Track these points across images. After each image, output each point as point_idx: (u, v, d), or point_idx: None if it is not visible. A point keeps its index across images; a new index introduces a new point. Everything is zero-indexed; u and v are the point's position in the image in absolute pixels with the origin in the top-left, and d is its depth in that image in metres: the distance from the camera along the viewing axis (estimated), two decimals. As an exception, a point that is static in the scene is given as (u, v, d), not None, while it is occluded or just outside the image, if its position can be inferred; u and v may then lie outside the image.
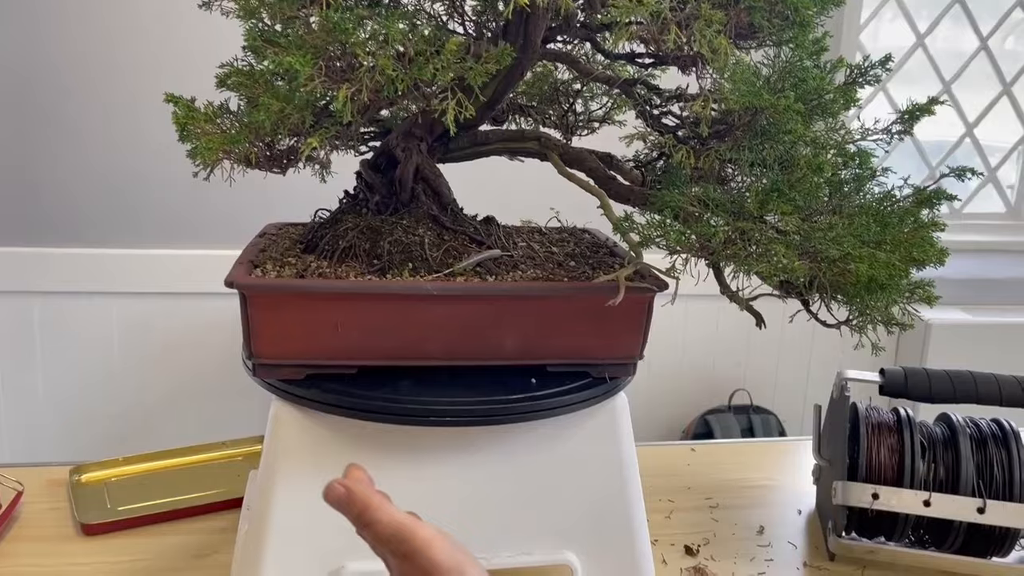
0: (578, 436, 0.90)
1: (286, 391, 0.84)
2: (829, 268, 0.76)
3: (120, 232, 2.04)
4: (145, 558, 1.05)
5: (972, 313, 2.43)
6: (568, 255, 0.97)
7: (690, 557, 1.11)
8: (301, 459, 0.85)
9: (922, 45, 2.53)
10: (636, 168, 1.00)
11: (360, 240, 0.89)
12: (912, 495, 1.06)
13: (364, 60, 0.72)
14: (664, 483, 1.29)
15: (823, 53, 0.89)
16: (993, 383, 1.10)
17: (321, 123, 0.78)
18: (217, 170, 0.84)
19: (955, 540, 1.07)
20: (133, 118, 1.94)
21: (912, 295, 0.89)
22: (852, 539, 1.12)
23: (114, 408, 2.11)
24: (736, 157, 0.81)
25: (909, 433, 1.08)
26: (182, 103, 0.80)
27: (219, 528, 1.12)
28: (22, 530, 1.10)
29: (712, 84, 0.85)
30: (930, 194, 0.85)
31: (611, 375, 0.88)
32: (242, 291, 0.80)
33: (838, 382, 1.15)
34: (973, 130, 2.61)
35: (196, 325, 2.09)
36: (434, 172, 0.94)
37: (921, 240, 0.83)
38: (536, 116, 1.07)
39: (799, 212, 0.79)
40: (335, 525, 0.85)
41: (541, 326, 0.86)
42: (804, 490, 1.27)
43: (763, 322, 0.87)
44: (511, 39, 0.85)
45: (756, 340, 2.36)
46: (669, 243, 0.78)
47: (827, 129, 0.91)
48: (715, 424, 2.37)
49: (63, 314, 2.05)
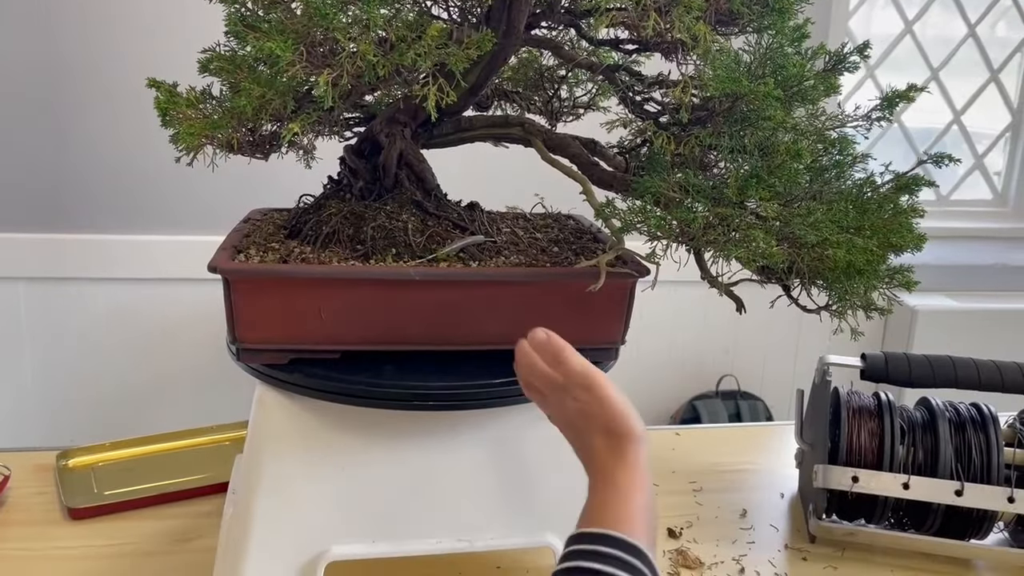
0: (560, 420, 0.90)
1: (270, 375, 0.85)
2: (807, 253, 0.77)
3: (107, 218, 2.03)
4: (131, 542, 1.06)
5: (958, 299, 2.44)
6: (552, 241, 0.98)
7: (673, 540, 1.12)
8: (285, 443, 0.86)
9: (910, 32, 2.53)
10: (620, 155, 1.00)
11: (343, 225, 0.89)
12: (891, 478, 1.07)
13: (345, 45, 0.72)
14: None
15: (805, 40, 0.90)
16: (972, 368, 1.11)
17: (303, 108, 0.78)
18: (202, 155, 0.84)
19: (934, 522, 1.09)
20: (118, 104, 1.93)
21: (892, 280, 0.90)
22: (832, 522, 1.13)
23: (101, 393, 2.11)
24: (716, 143, 0.82)
25: (889, 417, 1.10)
26: (164, 88, 0.80)
27: (205, 512, 1.13)
28: (9, 514, 1.11)
29: (694, 70, 0.86)
30: (908, 180, 0.86)
31: (593, 360, 0.89)
32: (225, 276, 0.81)
33: (820, 367, 1.16)
34: (960, 117, 2.62)
35: (183, 311, 2.09)
36: (418, 158, 0.95)
37: (899, 226, 0.84)
38: (521, 102, 1.07)
39: (779, 198, 0.80)
40: (319, 508, 0.87)
41: (523, 311, 0.86)
42: (787, 474, 1.29)
43: (743, 307, 0.88)
44: (494, 25, 0.85)
45: (744, 326, 2.37)
46: (650, 229, 0.78)
47: (808, 115, 0.92)
48: (703, 410, 2.39)
49: (50, 300, 2.05)
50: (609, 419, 0.69)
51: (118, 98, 1.94)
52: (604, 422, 0.69)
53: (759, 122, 0.79)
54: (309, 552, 0.86)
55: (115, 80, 1.92)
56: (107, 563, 1.02)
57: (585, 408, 0.70)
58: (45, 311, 2.06)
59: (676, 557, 1.08)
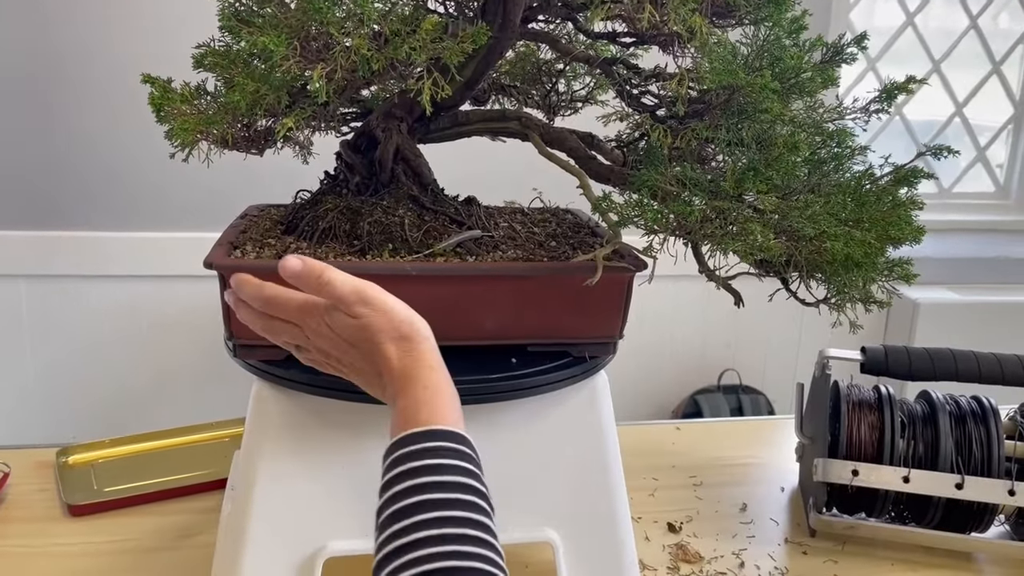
0: (559, 415, 0.90)
1: (266, 372, 0.85)
2: (805, 246, 0.77)
3: (107, 215, 2.03)
4: (131, 538, 1.06)
5: (960, 292, 2.44)
6: (549, 235, 0.97)
7: (673, 534, 1.12)
8: (282, 439, 0.86)
9: (912, 24, 2.52)
10: (618, 148, 1.00)
11: (340, 221, 0.89)
12: (892, 471, 1.07)
13: (339, 40, 0.72)
14: (649, 462, 1.30)
15: (802, 32, 0.89)
16: (972, 361, 1.10)
17: (298, 103, 0.78)
18: (197, 151, 0.84)
19: (934, 516, 1.09)
20: (117, 101, 1.93)
21: (891, 273, 0.89)
22: (833, 515, 1.13)
23: (101, 390, 2.12)
24: (713, 136, 0.81)
25: (889, 410, 1.09)
26: (158, 84, 0.80)
27: (204, 509, 1.13)
28: (9, 511, 1.11)
29: (692, 63, 0.85)
30: (907, 172, 0.86)
31: (591, 354, 0.89)
32: (221, 272, 0.81)
33: (820, 360, 1.16)
34: (962, 109, 2.61)
35: (183, 307, 2.09)
36: (414, 153, 0.94)
37: (898, 218, 0.83)
38: (518, 96, 1.07)
39: (776, 191, 0.80)
40: (317, 503, 0.86)
41: (520, 306, 0.86)
42: (787, 468, 1.28)
43: (741, 301, 0.87)
44: (489, 18, 0.85)
45: (745, 320, 2.36)
46: (646, 222, 0.78)
47: (806, 108, 0.92)
48: (704, 404, 2.39)
49: (49, 297, 2.05)
50: (397, 325, 0.67)
51: (117, 95, 1.94)
52: (392, 329, 0.67)
53: (756, 115, 0.79)
54: (307, 548, 0.86)
55: (120, 77, 1.92)
56: (107, 560, 1.02)
57: (368, 322, 0.67)
58: (45, 308, 2.06)
59: (676, 551, 1.08)
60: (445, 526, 0.57)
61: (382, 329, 0.67)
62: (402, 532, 0.56)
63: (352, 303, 0.68)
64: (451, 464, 0.61)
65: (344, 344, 0.69)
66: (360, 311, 0.68)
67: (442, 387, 0.67)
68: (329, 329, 0.69)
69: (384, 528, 0.58)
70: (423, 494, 0.58)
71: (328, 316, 0.69)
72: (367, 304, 0.68)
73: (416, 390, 0.65)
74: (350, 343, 0.69)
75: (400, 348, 0.67)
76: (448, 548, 0.55)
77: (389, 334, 0.67)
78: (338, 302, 0.68)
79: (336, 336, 0.69)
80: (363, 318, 0.68)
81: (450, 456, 0.61)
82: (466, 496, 0.59)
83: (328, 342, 0.70)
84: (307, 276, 0.68)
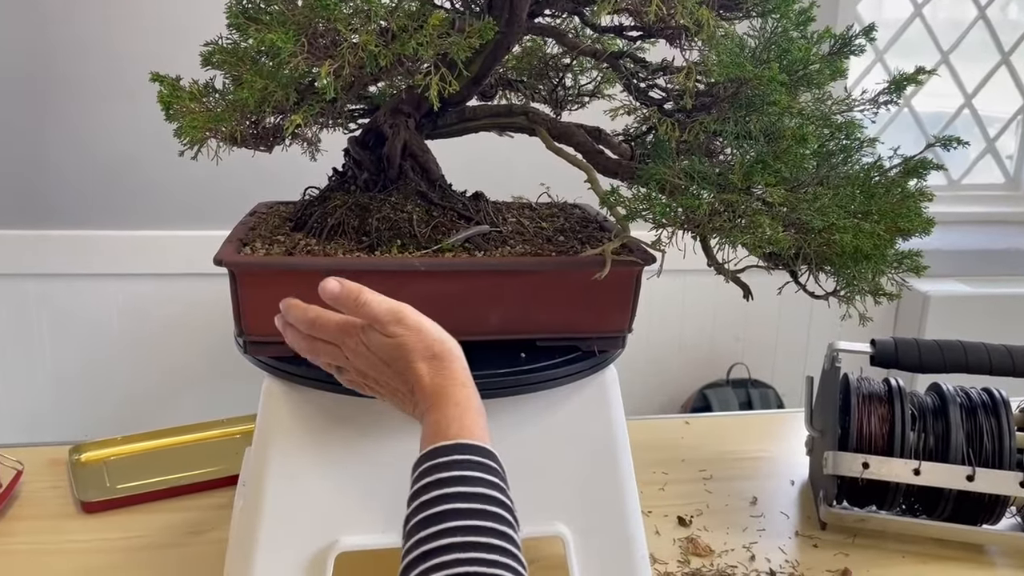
0: (568, 409, 0.90)
1: (277, 368, 0.85)
2: (813, 239, 0.77)
3: (119, 214, 2.04)
4: (144, 535, 1.07)
5: (970, 284, 2.42)
6: (557, 230, 0.97)
7: (683, 528, 1.12)
8: (293, 435, 0.86)
9: (920, 15, 2.51)
10: (625, 142, 1.00)
11: (349, 217, 0.89)
12: (902, 464, 1.06)
13: (347, 36, 0.72)
14: (658, 456, 1.30)
15: (810, 23, 0.89)
16: (983, 352, 1.10)
17: (306, 100, 0.78)
18: (207, 149, 0.84)
19: (945, 508, 1.08)
20: (130, 101, 1.94)
21: (900, 265, 0.89)
22: (843, 508, 1.13)
23: (113, 388, 2.13)
24: (721, 129, 0.81)
25: (899, 403, 1.09)
26: (167, 82, 0.80)
27: (216, 505, 1.13)
28: (23, 509, 1.12)
29: (699, 56, 0.85)
30: (916, 164, 0.85)
31: (600, 348, 0.89)
32: (231, 269, 0.81)
33: (829, 353, 1.16)
34: (972, 101, 2.59)
35: (194, 305, 2.10)
36: (422, 148, 0.94)
37: (907, 210, 0.83)
38: (525, 91, 1.07)
39: (785, 184, 0.79)
40: (329, 499, 0.87)
41: (529, 301, 0.86)
42: (797, 461, 1.28)
43: (750, 294, 0.87)
44: (496, 13, 0.85)
45: (754, 314, 2.36)
46: (654, 216, 0.78)
47: (814, 100, 0.91)
48: (713, 398, 2.38)
49: (63, 296, 2.06)
50: (430, 345, 0.70)
51: (132, 95, 1.94)
52: (425, 349, 0.70)
53: (764, 107, 0.79)
54: (319, 543, 0.86)
55: (131, 76, 1.92)
56: (120, 556, 1.03)
57: (402, 341, 0.70)
58: (57, 307, 2.07)
59: (686, 545, 1.08)
60: (472, 535, 0.58)
61: (415, 348, 0.70)
62: (429, 538, 0.58)
63: (387, 323, 0.70)
64: (479, 477, 0.63)
65: (379, 363, 0.72)
66: (395, 330, 0.70)
67: (471, 404, 0.69)
68: (366, 348, 0.72)
69: (412, 535, 0.60)
70: (451, 503, 0.60)
71: (365, 335, 0.72)
72: (401, 324, 0.70)
73: (447, 407, 0.67)
74: (385, 362, 0.72)
75: (431, 366, 0.70)
76: (474, 555, 0.57)
77: (422, 353, 0.70)
78: (374, 322, 0.71)
79: (372, 355, 0.72)
80: (397, 337, 0.70)
81: (478, 469, 0.63)
82: (492, 508, 0.61)
83: (364, 361, 0.73)
84: (345, 297, 0.71)
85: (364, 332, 0.72)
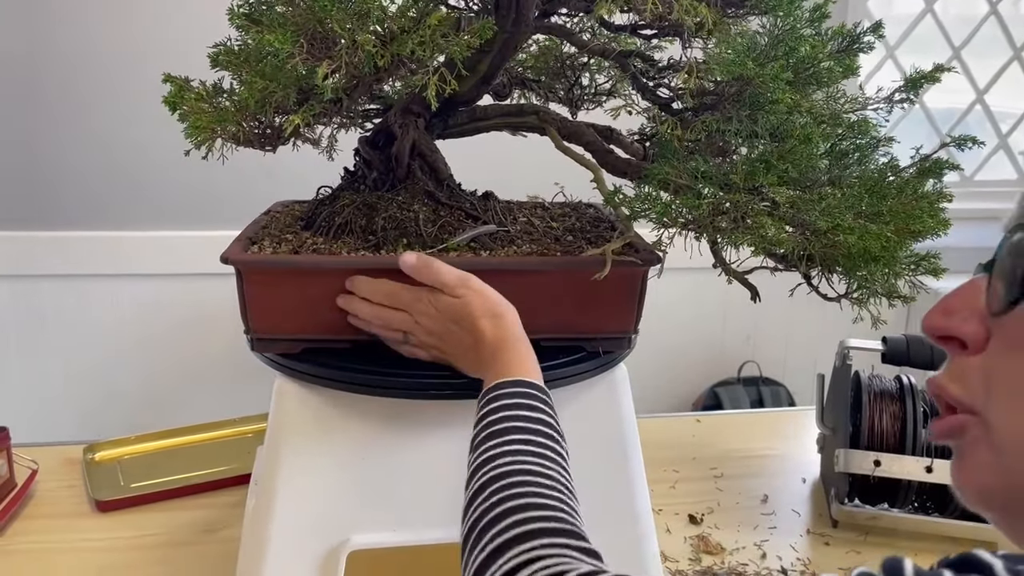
0: (578, 408, 0.90)
1: (286, 365, 0.85)
2: (818, 240, 0.76)
3: (131, 214, 2.05)
4: (157, 533, 1.08)
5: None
6: (567, 230, 0.97)
7: (694, 526, 1.12)
8: (304, 431, 0.86)
9: (931, 11, 2.49)
10: (638, 142, 1.00)
11: (356, 216, 0.89)
12: (914, 461, 1.06)
13: (343, 36, 0.72)
14: (669, 454, 1.30)
15: (824, 20, 0.88)
16: (995, 349, 1.09)
17: (308, 101, 0.79)
18: (226, 150, 0.84)
19: (957, 506, 1.08)
20: (143, 101, 1.95)
21: (917, 267, 0.88)
22: (855, 506, 1.12)
23: (127, 388, 2.14)
24: (725, 128, 0.81)
25: (911, 400, 1.09)
26: (176, 82, 0.81)
27: (229, 503, 1.14)
28: (37, 507, 1.13)
29: (703, 55, 0.85)
30: (931, 164, 0.84)
31: (605, 349, 0.89)
32: (237, 267, 0.82)
33: (840, 351, 1.16)
34: (983, 96, 2.58)
35: (207, 305, 2.11)
36: (431, 148, 0.95)
37: (920, 211, 0.82)
38: (540, 91, 1.06)
39: (792, 184, 0.79)
40: (341, 497, 0.87)
41: (533, 300, 0.85)
42: (809, 459, 1.28)
43: (757, 295, 0.87)
44: (503, 12, 0.85)
45: (765, 312, 2.35)
46: (656, 216, 0.78)
47: (826, 98, 0.90)
48: (724, 396, 2.38)
49: (76, 296, 2.07)
50: (491, 306, 0.80)
51: (145, 95, 1.94)
52: (488, 308, 0.79)
53: (768, 106, 0.78)
54: (331, 541, 0.87)
55: (144, 76, 1.92)
56: (134, 554, 1.04)
57: (467, 300, 0.80)
58: (72, 307, 2.09)
59: (698, 543, 1.08)
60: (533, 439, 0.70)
61: (480, 307, 0.80)
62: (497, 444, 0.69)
63: (455, 286, 0.80)
64: (538, 405, 0.74)
65: (447, 321, 0.81)
66: (461, 292, 0.80)
67: (528, 354, 0.79)
68: (435, 310, 0.81)
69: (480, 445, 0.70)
70: (515, 422, 0.71)
71: (434, 297, 0.81)
72: (467, 287, 0.80)
73: (507, 354, 0.78)
74: (453, 320, 0.81)
75: (493, 323, 0.79)
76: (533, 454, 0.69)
77: (485, 312, 0.79)
78: (443, 286, 0.81)
79: (440, 315, 0.81)
80: (464, 297, 0.80)
81: (537, 400, 0.74)
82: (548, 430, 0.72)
83: (433, 321, 0.82)
84: (423, 266, 0.81)
85: (433, 295, 0.81)
